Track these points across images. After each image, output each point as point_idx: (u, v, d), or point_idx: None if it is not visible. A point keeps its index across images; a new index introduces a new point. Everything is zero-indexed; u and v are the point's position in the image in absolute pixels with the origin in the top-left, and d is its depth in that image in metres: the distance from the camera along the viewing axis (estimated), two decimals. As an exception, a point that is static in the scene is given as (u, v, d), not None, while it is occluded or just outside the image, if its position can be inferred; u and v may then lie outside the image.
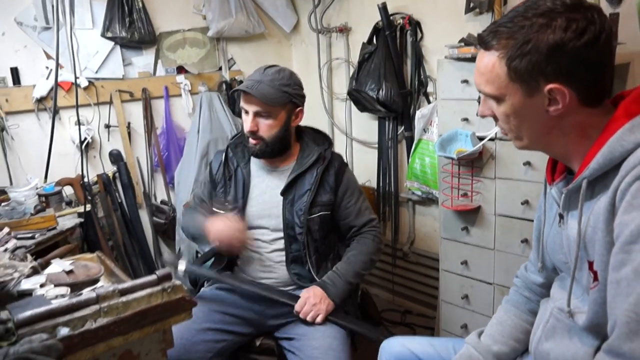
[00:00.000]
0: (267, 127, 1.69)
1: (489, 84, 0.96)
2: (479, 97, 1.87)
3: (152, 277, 1.05)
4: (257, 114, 1.68)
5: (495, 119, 1.02)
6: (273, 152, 1.75)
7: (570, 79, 0.89)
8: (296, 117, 1.75)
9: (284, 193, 1.74)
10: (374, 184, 2.89)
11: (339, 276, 1.72)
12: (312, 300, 1.64)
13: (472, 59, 1.84)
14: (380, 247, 1.86)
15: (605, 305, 0.88)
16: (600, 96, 0.93)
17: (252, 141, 1.72)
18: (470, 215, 2.04)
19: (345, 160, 1.88)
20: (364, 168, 2.98)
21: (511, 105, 0.95)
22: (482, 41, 0.96)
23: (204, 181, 1.94)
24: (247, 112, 1.70)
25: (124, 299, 0.99)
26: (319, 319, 1.62)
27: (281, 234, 1.76)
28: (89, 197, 2.46)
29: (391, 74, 2.51)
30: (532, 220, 1.25)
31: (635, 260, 0.81)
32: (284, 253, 1.76)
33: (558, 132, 0.96)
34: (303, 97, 1.76)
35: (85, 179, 2.46)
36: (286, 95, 1.67)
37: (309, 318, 1.62)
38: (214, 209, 1.75)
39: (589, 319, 0.94)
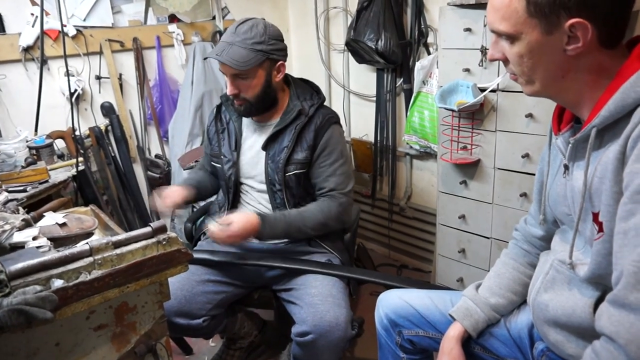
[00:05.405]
0: (248, 88, 1.64)
1: (505, 21, 0.90)
2: (482, 47, 1.82)
3: (146, 230, 1.03)
4: (234, 77, 1.63)
5: (506, 62, 0.97)
6: (259, 110, 1.72)
7: (595, 13, 0.83)
8: (278, 72, 1.67)
9: (265, 148, 1.73)
10: (371, 138, 2.84)
11: (284, 223, 1.66)
12: (236, 232, 1.57)
13: (476, 6, 1.78)
14: (342, 219, 1.74)
15: (610, 257, 0.86)
16: (619, 36, 0.88)
17: (236, 102, 1.70)
18: (469, 169, 2.02)
19: (335, 118, 1.77)
20: (362, 122, 2.93)
21: (527, 44, 0.90)
22: None
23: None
24: (226, 75, 1.66)
25: (118, 251, 0.97)
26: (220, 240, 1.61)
27: (265, 188, 1.76)
28: (82, 151, 2.42)
29: (390, 23, 2.42)
30: (533, 174, 1.23)
31: None
32: (270, 206, 1.76)
33: (573, 75, 0.91)
34: (282, 50, 1.66)
35: (77, 132, 2.40)
36: (261, 53, 1.59)
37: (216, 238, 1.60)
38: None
39: (591, 270, 0.93)
